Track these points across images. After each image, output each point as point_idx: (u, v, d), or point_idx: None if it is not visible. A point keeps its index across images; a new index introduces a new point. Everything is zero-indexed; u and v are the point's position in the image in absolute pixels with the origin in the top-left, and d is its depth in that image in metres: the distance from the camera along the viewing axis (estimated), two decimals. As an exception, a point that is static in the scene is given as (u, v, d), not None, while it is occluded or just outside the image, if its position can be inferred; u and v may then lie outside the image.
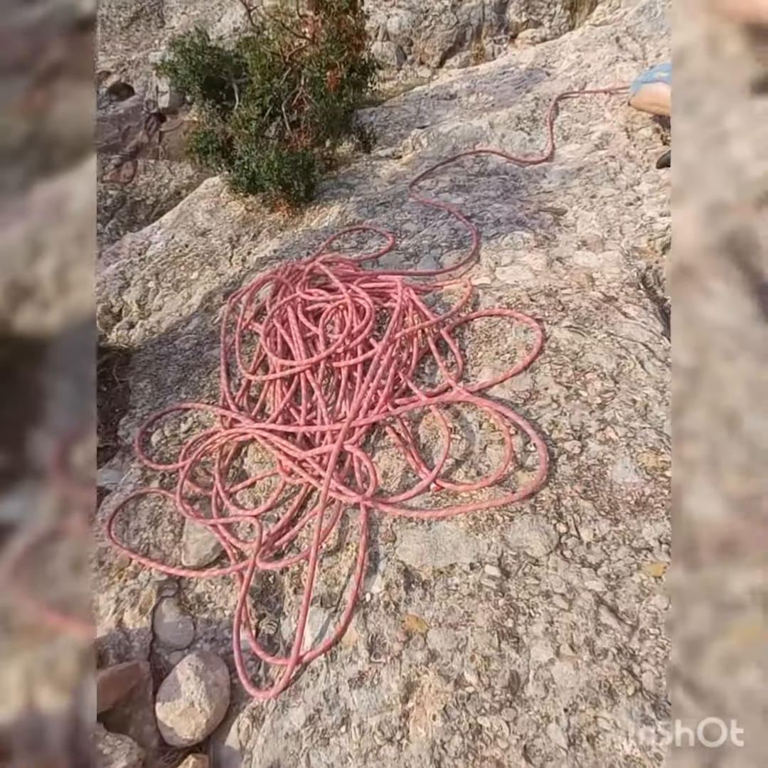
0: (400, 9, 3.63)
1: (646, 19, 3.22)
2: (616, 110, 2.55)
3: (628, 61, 2.88)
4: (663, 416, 1.13)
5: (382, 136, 2.91)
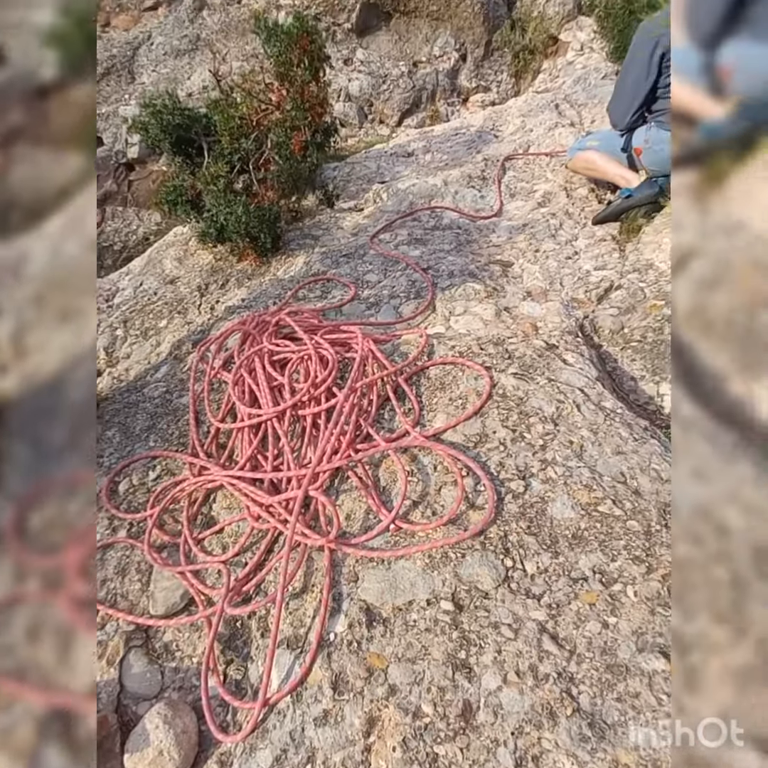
0: (361, 74, 3.92)
1: (581, 89, 3.59)
2: (557, 171, 2.82)
3: (566, 126, 3.20)
4: (596, 455, 1.26)
5: (345, 189, 3.10)
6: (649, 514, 1.12)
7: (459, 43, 4.05)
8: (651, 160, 2.24)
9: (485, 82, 4.05)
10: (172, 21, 4.19)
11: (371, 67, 3.94)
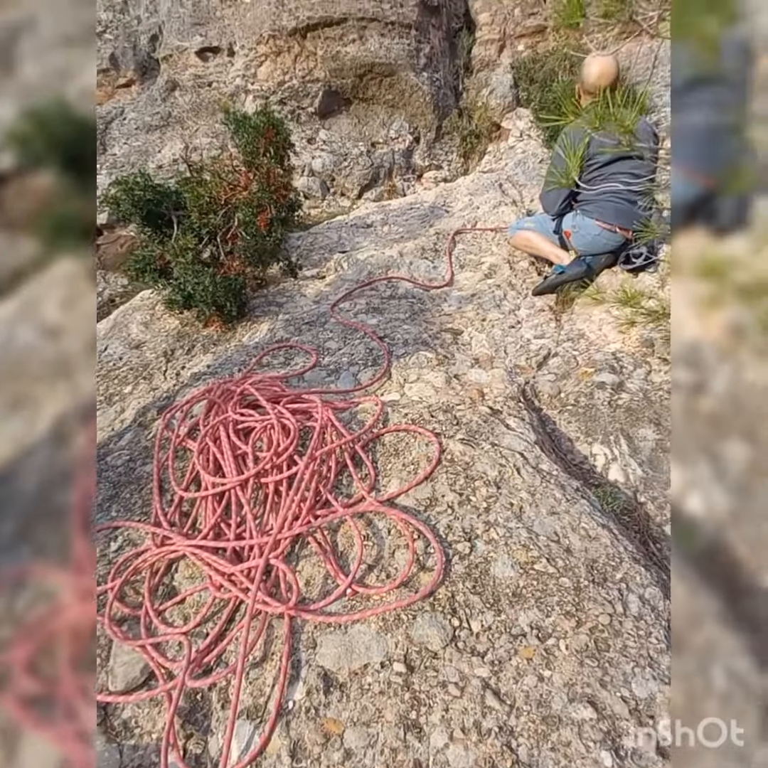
0: (324, 152, 4.25)
1: (521, 171, 4.01)
2: (501, 245, 3.11)
3: (509, 204, 3.55)
4: (533, 516, 1.40)
5: (308, 258, 3.31)
6: (578, 571, 1.25)
7: (413, 127, 4.48)
8: (579, 242, 2.54)
9: (437, 161, 4.46)
10: (144, 98, 4.47)
11: (333, 146, 4.29)
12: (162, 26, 4.76)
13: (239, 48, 4.45)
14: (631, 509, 1.60)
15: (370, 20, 4.30)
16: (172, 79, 4.48)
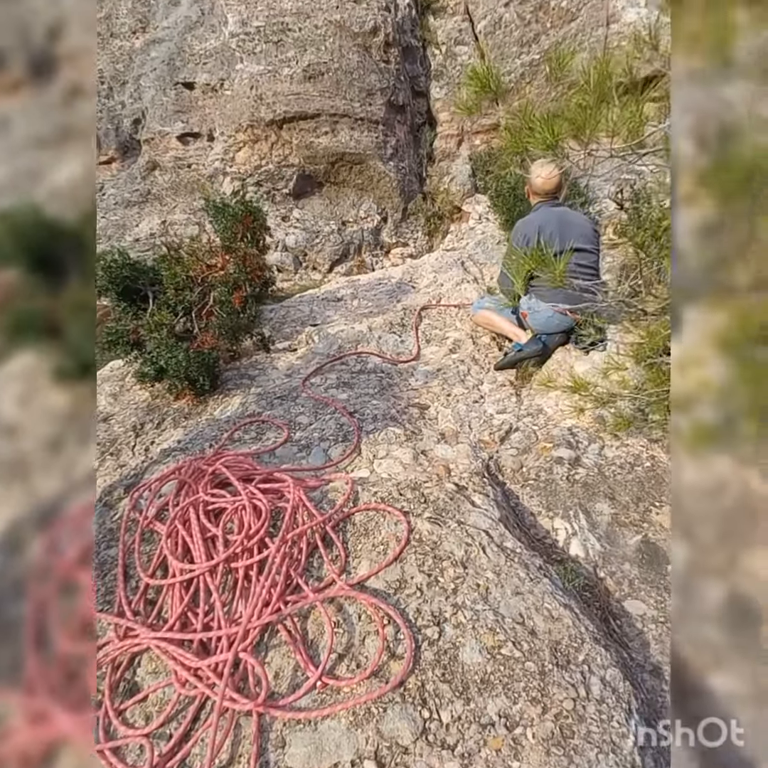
0: (297, 229, 4.50)
1: (481, 251, 4.33)
2: (464, 321, 3.32)
3: (470, 282, 3.81)
4: (499, 597, 1.44)
5: (280, 330, 3.42)
6: (542, 654, 1.29)
7: (381, 208, 4.83)
8: (534, 322, 2.75)
9: (404, 239, 4.78)
10: (125, 176, 4.68)
11: (306, 224, 4.55)
12: (145, 111, 5.08)
13: (219, 134, 4.77)
14: (592, 585, 1.67)
15: (341, 116, 4.72)
16: (153, 159, 4.73)
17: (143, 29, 5.55)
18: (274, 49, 5.07)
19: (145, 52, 5.39)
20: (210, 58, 5.13)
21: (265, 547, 1.60)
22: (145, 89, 5.15)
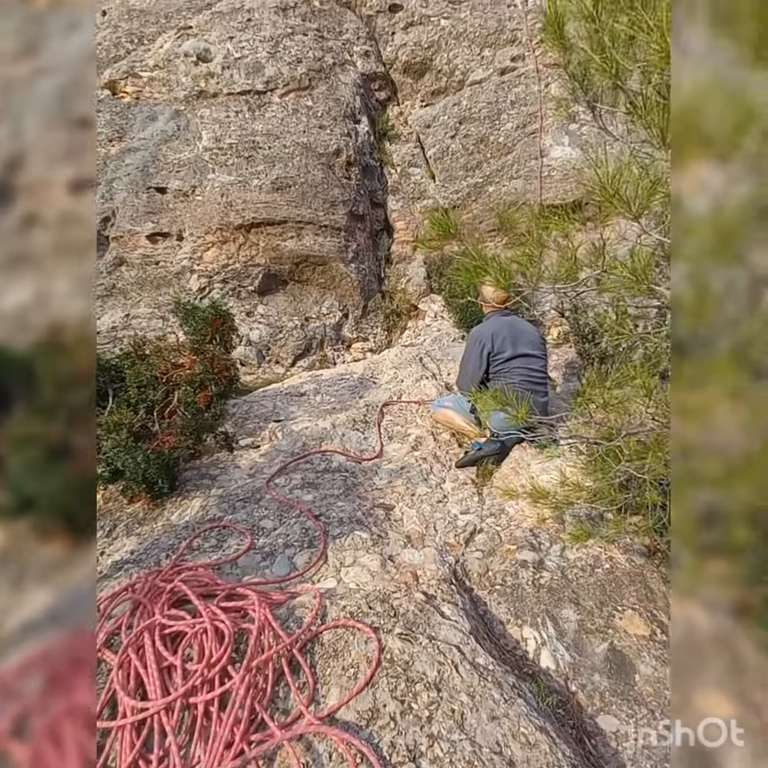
0: (261, 324, 4.65)
1: (438, 347, 4.60)
2: (425, 417, 3.44)
3: (429, 378, 4.00)
4: (475, 724, 1.40)
5: (243, 426, 3.42)
6: (523, 790, 1.25)
7: (342, 305, 5.10)
8: (492, 423, 2.90)
9: (364, 334, 5.02)
10: (90, 271, 4.76)
11: (270, 319, 4.72)
12: (116, 211, 5.29)
13: (188, 235, 5.01)
14: (565, 700, 1.65)
15: (306, 223, 5.11)
16: (121, 256, 4.86)
17: (120, 138, 5.94)
18: (245, 162, 5.52)
19: (119, 159, 5.72)
20: (183, 167, 5.51)
21: (228, 676, 1.51)
22: (117, 191, 5.41)
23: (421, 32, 7.00)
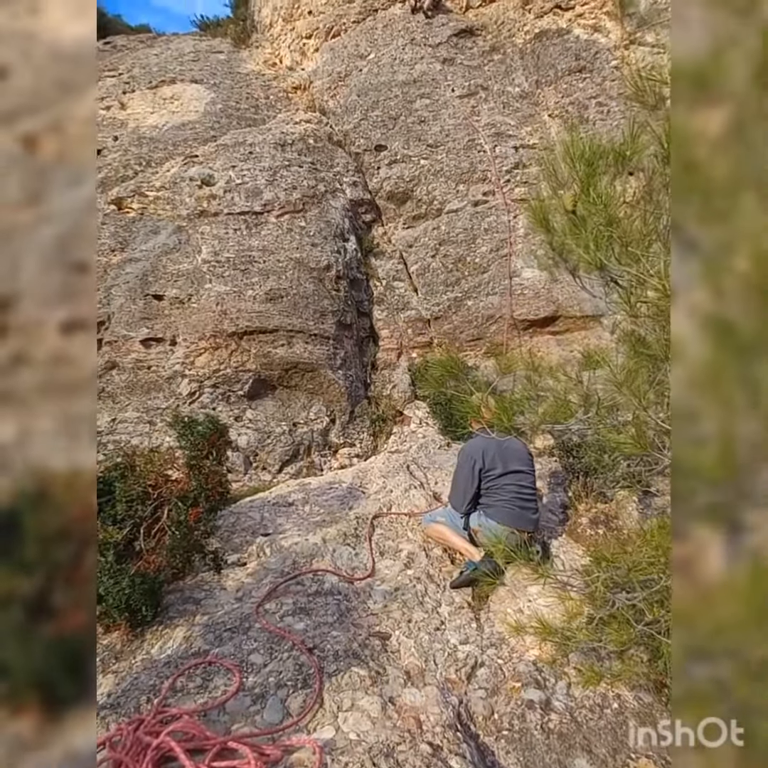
0: (249, 429, 4.68)
1: (424, 455, 4.67)
2: (415, 530, 3.41)
3: (417, 488, 4.02)
4: None
5: (229, 541, 3.31)
6: None
7: (330, 411, 5.20)
8: (485, 540, 2.90)
9: (350, 439, 5.08)
10: (80, 374, 4.79)
11: (258, 424, 4.76)
12: (111, 316, 5.46)
13: (182, 340, 5.17)
14: None
15: (297, 332, 5.36)
16: (113, 360, 4.95)
17: (122, 249, 6.29)
18: (240, 274, 5.87)
19: (120, 268, 6.02)
20: (182, 277, 5.82)
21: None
22: (115, 297, 5.62)
23: (403, 168, 7.93)
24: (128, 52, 13.30)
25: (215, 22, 16.02)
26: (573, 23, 9.58)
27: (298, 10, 12.25)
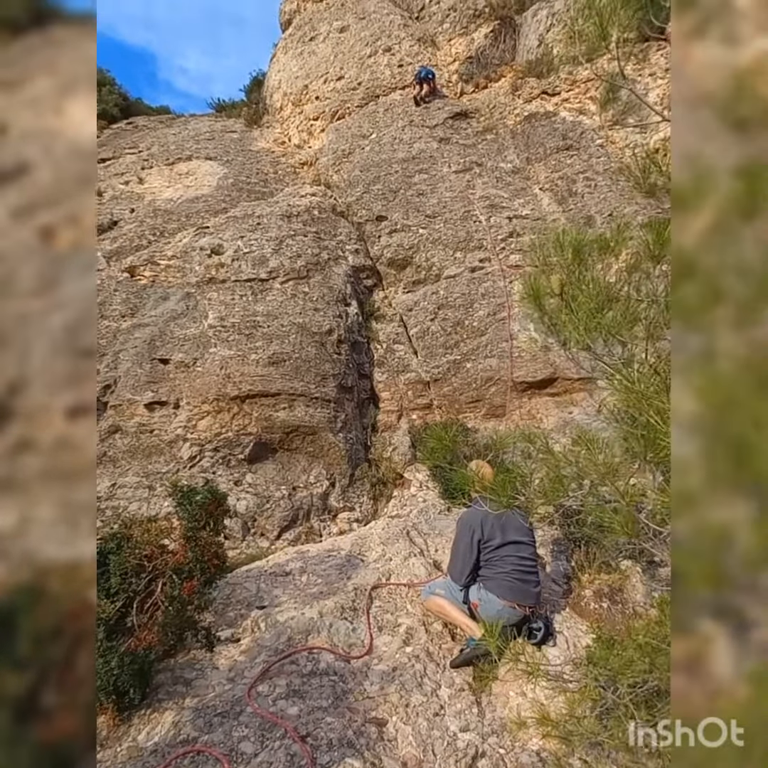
0: (248, 494, 4.67)
1: (424, 520, 4.61)
2: (415, 603, 3.33)
3: (417, 555, 3.95)
4: None
5: (223, 615, 3.22)
6: None
7: (329, 474, 5.20)
8: (485, 614, 2.83)
9: (350, 503, 5.04)
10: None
11: (258, 488, 4.75)
12: (117, 380, 5.59)
13: (185, 404, 5.26)
14: None
15: (299, 395, 5.46)
16: (117, 424, 5.02)
17: (132, 315, 6.54)
18: (245, 339, 6.06)
19: (129, 332, 6.23)
20: (188, 341, 6.01)
21: None
22: (122, 361, 5.78)
23: (403, 237, 8.34)
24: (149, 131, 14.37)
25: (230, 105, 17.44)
26: (559, 107, 10.37)
27: (306, 95, 13.33)
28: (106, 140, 14.21)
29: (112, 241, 8.19)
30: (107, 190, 10.00)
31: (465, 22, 13.25)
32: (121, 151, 12.42)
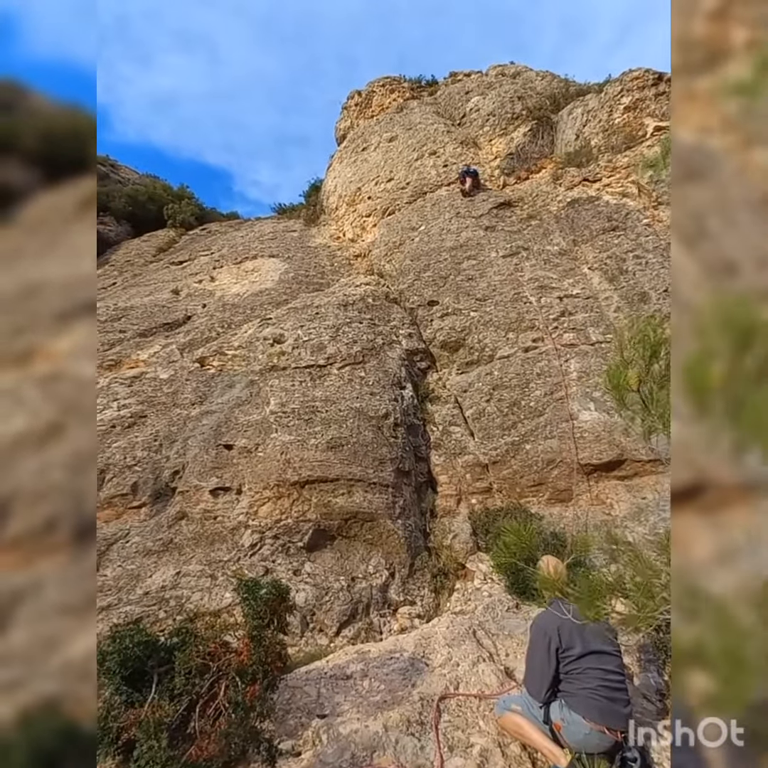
0: (307, 585, 4.58)
1: (491, 618, 4.31)
2: (488, 719, 3.03)
3: (487, 660, 3.65)
4: None
5: (283, 723, 3.06)
6: None
7: (389, 563, 5.04)
8: (571, 738, 2.53)
9: (411, 596, 4.81)
10: (153, 524, 5.04)
11: (317, 579, 4.66)
12: (186, 465, 5.85)
13: (247, 489, 5.39)
14: None
15: (357, 480, 5.47)
16: (183, 510, 5.18)
17: (201, 402, 6.96)
18: (304, 424, 6.26)
19: (197, 419, 6.60)
20: (251, 427, 6.27)
21: None
22: (190, 447, 6.07)
23: (454, 320, 8.59)
24: (220, 235, 16.09)
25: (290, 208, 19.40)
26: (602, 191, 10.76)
27: (359, 196, 14.62)
28: (184, 245, 16.01)
29: (186, 334, 8.95)
30: (183, 289, 11.09)
31: (504, 125, 14.41)
32: (196, 254, 13.89)
